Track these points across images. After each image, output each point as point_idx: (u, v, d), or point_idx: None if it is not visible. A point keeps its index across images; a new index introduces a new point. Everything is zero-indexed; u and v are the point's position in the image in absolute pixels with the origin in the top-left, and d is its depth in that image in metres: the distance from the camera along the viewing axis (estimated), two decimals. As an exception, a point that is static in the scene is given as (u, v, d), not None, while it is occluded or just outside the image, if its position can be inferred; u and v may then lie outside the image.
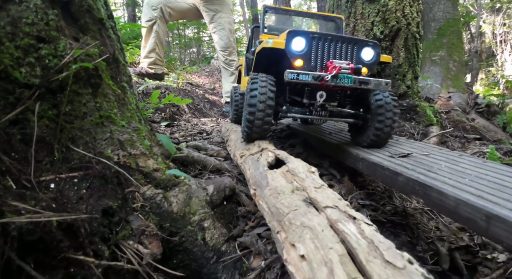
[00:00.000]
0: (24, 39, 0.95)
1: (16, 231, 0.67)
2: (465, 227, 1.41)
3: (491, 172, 1.18)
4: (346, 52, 1.53)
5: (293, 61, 1.47)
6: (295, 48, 1.46)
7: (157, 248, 0.89)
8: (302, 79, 1.37)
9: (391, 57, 1.76)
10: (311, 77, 1.38)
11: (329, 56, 1.51)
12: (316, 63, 1.51)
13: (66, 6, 1.06)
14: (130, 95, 1.27)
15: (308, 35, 1.47)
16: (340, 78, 1.41)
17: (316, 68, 1.51)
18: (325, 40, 1.50)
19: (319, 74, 1.40)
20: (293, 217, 0.68)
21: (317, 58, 1.51)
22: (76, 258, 0.78)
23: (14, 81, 0.92)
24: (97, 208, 0.85)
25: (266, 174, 1.00)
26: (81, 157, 0.94)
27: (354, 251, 0.53)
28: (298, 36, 1.46)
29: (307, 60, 1.49)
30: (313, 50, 1.50)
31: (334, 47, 1.51)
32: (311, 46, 1.48)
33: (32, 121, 0.92)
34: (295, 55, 1.47)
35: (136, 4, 12.74)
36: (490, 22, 12.11)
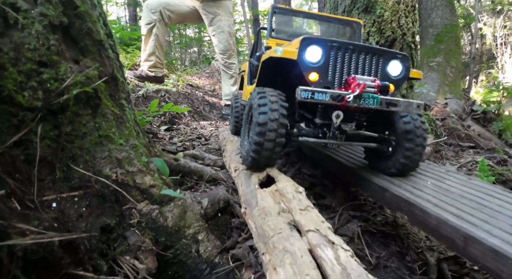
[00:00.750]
0: (26, 64, 1.00)
1: (21, 252, 0.73)
2: (445, 245, 1.47)
3: (474, 191, 1.23)
4: (370, 65, 1.31)
5: (307, 74, 1.26)
6: (310, 59, 1.25)
7: (152, 263, 0.95)
8: (318, 99, 1.17)
9: (421, 73, 1.50)
10: (329, 96, 1.18)
11: (350, 70, 1.29)
12: (334, 77, 1.29)
13: (66, 30, 1.11)
14: (129, 112, 1.32)
15: (325, 44, 1.25)
16: (364, 99, 1.20)
17: (334, 84, 1.29)
18: (346, 50, 1.28)
19: (338, 93, 1.19)
20: (277, 240, 0.73)
21: (335, 72, 1.29)
22: (77, 273, 0.83)
23: (18, 105, 0.97)
24: (96, 225, 0.91)
25: (256, 192, 1.05)
26: (81, 175, 0.99)
27: (328, 277, 0.59)
28: (313, 44, 1.23)
29: (323, 73, 1.27)
30: (331, 62, 1.27)
31: (356, 59, 1.29)
32: (328, 57, 1.26)
33: (34, 143, 0.97)
34: (309, 68, 1.25)
35: (137, 4, 12.78)
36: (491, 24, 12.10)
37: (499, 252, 0.80)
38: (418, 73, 1.45)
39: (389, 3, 2.44)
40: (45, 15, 1.04)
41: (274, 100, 1.29)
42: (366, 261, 1.50)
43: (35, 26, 1.02)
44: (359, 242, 1.54)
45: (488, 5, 13.40)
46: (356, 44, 1.29)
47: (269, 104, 1.27)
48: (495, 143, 3.17)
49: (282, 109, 1.28)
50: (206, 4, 4.51)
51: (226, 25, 4.65)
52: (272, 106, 1.26)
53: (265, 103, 1.28)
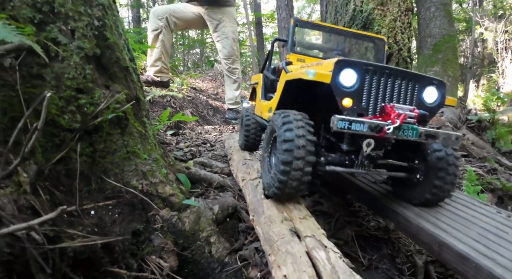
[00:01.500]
0: (66, 91, 1.17)
1: (72, 253, 0.90)
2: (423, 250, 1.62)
3: (454, 202, 1.39)
4: (405, 91, 1.24)
5: (340, 99, 1.18)
6: (344, 83, 1.18)
7: (174, 261, 1.12)
8: (356, 130, 1.09)
9: (456, 100, 1.42)
10: (367, 127, 1.10)
11: (385, 96, 1.23)
12: (369, 104, 1.22)
13: (98, 59, 1.28)
14: (149, 128, 1.49)
15: (360, 67, 1.19)
16: (403, 130, 1.14)
17: (368, 111, 1.22)
18: (382, 74, 1.22)
19: (377, 123, 1.11)
20: (280, 244, 0.90)
21: (370, 98, 1.22)
22: (113, 270, 1.00)
23: (59, 126, 1.15)
24: (128, 230, 1.08)
25: (262, 202, 1.22)
26: (113, 187, 1.17)
27: (321, 273, 0.75)
28: (348, 67, 1.17)
29: (357, 99, 1.20)
30: (366, 87, 1.21)
31: (392, 84, 1.23)
32: (363, 81, 1.20)
33: (74, 159, 1.14)
34: (343, 92, 1.18)
35: (141, 6, 12.96)
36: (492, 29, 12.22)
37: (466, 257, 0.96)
38: (452, 100, 1.36)
39: (386, 21, 2.61)
40: (81, 48, 1.21)
41: (300, 125, 1.20)
42: (359, 262, 1.66)
43: (73, 58, 1.19)
44: (353, 245, 1.70)
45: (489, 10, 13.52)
46: (393, 68, 1.23)
47: (294, 129, 1.18)
48: (487, 151, 3.32)
49: (309, 135, 1.19)
50: (211, 10, 4.66)
51: (230, 31, 4.81)
52: (298, 132, 1.17)
53: (290, 128, 1.19)
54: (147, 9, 13.77)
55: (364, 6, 2.67)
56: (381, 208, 1.45)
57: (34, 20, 1.14)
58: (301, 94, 1.56)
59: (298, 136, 1.16)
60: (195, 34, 14.35)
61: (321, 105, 1.38)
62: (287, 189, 1.19)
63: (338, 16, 2.85)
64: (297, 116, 1.25)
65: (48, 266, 0.86)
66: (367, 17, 2.65)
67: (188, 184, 1.30)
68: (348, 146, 1.28)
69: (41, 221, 0.70)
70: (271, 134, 1.40)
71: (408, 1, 2.71)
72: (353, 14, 2.70)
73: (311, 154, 1.17)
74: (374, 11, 2.66)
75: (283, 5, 9.00)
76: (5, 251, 0.83)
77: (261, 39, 12.33)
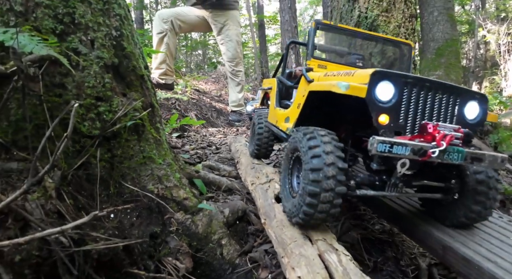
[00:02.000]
0: (86, 99, 1.22)
1: (96, 255, 0.95)
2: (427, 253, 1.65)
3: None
4: (446, 106, 1.13)
5: (376, 116, 1.07)
6: (381, 97, 1.07)
7: (189, 263, 1.16)
8: (397, 153, 0.99)
9: (497, 116, 1.32)
10: (410, 150, 1.00)
11: (424, 112, 1.12)
12: (407, 121, 1.11)
13: (116, 68, 1.33)
14: (162, 133, 1.54)
15: (399, 80, 1.08)
16: (449, 153, 1.03)
17: (406, 129, 1.11)
18: (422, 87, 1.10)
19: (421, 146, 1.01)
20: (293, 247, 0.95)
21: (407, 114, 1.11)
22: (133, 271, 1.05)
23: (80, 133, 1.20)
24: (146, 233, 1.13)
25: (273, 206, 1.27)
26: (131, 191, 1.21)
27: (333, 275, 0.80)
28: (385, 80, 1.07)
29: (394, 115, 1.09)
30: (404, 102, 1.10)
31: (432, 98, 1.12)
32: (401, 95, 1.09)
33: (94, 164, 1.19)
34: (379, 108, 1.07)
35: (144, 7, 13.05)
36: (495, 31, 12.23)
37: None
38: (494, 116, 1.26)
39: (391, 27, 2.65)
40: (101, 57, 1.26)
41: (326, 140, 1.09)
42: (364, 265, 1.71)
43: (93, 67, 1.25)
44: (358, 248, 1.75)
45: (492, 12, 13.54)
46: (433, 80, 1.12)
47: (322, 146, 1.07)
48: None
49: (338, 151, 1.08)
50: (215, 14, 4.72)
51: (234, 34, 4.88)
52: (325, 148, 1.06)
53: (317, 144, 1.08)
54: (150, 10, 13.87)
55: (369, 12, 2.72)
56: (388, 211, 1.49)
57: (55, 31, 1.19)
58: (325, 105, 1.42)
59: (327, 165, 1.03)
60: (198, 35, 14.42)
61: (348, 119, 1.27)
62: (313, 221, 1.09)
63: (343, 22, 2.90)
64: (325, 138, 1.10)
65: (74, 267, 0.91)
66: (372, 23, 2.69)
67: (204, 188, 1.35)
68: (378, 165, 1.15)
69: (74, 225, 0.75)
70: (293, 152, 1.27)
71: (412, 8, 2.76)
72: (358, 20, 2.75)
73: (341, 184, 1.05)
74: (378, 18, 2.70)
75: (286, 7, 9.06)
76: (34, 254, 0.88)
77: (264, 41, 12.39)
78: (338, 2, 2.98)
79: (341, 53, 2.32)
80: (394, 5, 2.67)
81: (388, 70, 1.08)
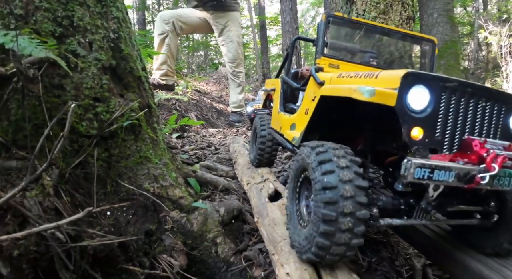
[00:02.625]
0: (84, 100, 1.25)
1: (92, 250, 0.98)
2: None
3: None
4: (490, 116, 0.95)
5: (408, 129, 0.88)
6: (414, 105, 0.88)
7: (183, 260, 1.19)
8: (440, 180, 0.82)
9: None
10: (455, 176, 0.83)
11: (465, 124, 0.93)
12: (444, 135, 0.92)
13: (114, 70, 1.36)
14: (159, 133, 1.57)
15: (436, 84, 0.89)
16: (499, 178, 0.85)
17: (443, 145, 0.92)
18: (463, 93, 0.92)
19: (468, 169, 0.84)
20: (283, 244, 0.97)
21: (445, 127, 0.92)
22: (128, 268, 1.08)
23: (78, 133, 1.23)
24: (141, 230, 1.16)
25: (266, 205, 1.30)
26: (127, 189, 1.24)
27: (320, 272, 0.83)
28: (419, 84, 0.87)
29: (430, 129, 0.90)
30: (441, 112, 0.91)
31: (475, 107, 0.94)
32: (438, 103, 0.90)
33: (91, 163, 1.22)
34: (412, 119, 0.88)
35: (146, 8, 13.14)
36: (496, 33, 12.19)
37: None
38: None
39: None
40: (99, 59, 1.29)
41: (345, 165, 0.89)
42: (359, 264, 1.72)
43: (91, 68, 1.28)
44: (353, 247, 1.76)
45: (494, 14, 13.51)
46: (475, 85, 0.93)
47: (337, 171, 0.87)
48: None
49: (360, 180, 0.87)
50: (216, 15, 4.77)
51: (235, 35, 4.93)
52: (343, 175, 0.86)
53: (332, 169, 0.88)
54: (152, 11, 13.96)
55: (366, 14, 2.75)
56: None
57: (55, 34, 1.22)
58: (339, 112, 1.21)
59: (343, 182, 0.85)
60: (199, 36, 14.50)
61: (368, 129, 1.10)
62: (329, 256, 0.86)
63: (340, 24, 2.92)
64: (339, 152, 0.92)
65: (70, 263, 0.94)
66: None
67: (198, 187, 1.38)
68: (404, 186, 0.92)
69: (69, 221, 0.78)
70: (300, 172, 1.07)
71: (410, 10, 2.78)
72: (355, 22, 2.77)
73: (363, 207, 0.85)
74: (376, 20, 2.72)
75: (287, 9, 9.09)
76: (32, 249, 0.91)
77: (265, 42, 12.44)
78: (336, 4, 3.01)
79: (353, 51, 2.04)
80: (392, 7, 2.69)
81: (423, 72, 0.90)
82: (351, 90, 0.91)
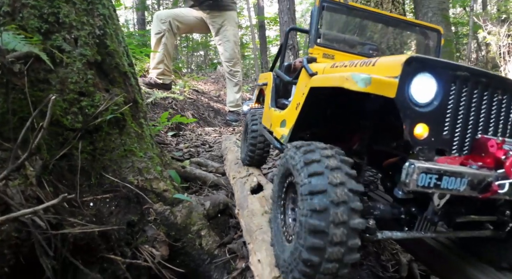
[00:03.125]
0: (69, 94, 1.29)
1: (72, 238, 1.01)
2: None
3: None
4: (507, 111, 0.82)
5: (411, 126, 0.75)
6: (419, 97, 0.75)
7: (165, 251, 1.22)
8: (448, 188, 0.70)
9: None
10: (467, 183, 0.71)
11: (478, 120, 0.81)
12: (453, 134, 0.79)
13: (99, 65, 1.40)
14: (146, 128, 1.60)
15: (444, 72, 0.76)
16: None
17: (452, 146, 0.80)
18: (476, 84, 0.80)
19: (483, 175, 0.72)
20: (258, 233, 1.00)
21: (455, 123, 0.79)
22: (109, 257, 1.11)
23: (63, 126, 1.26)
24: (123, 221, 1.19)
25: (247, 197, 1.33)
26: (111, 182, 1.28)
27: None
28: (425, 71, 0.75)
29: (436, 125, 0.78)
30: (451, 105, 0.78)
31: (489, 101, 0.81)
32: (447, 95, 0.77)
33: (76, 156, 1.25)
34: (415, 114, 0.75)
35: (146, 8, 13.20)
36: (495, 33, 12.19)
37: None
38: None
39: (379, 27, 2.70)
40: (84, 55, 1.33)
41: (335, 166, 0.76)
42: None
43: (76, 64, 1.31)
44: (338, 241, 1.79)
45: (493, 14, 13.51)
46: (490, 74, 0.81)
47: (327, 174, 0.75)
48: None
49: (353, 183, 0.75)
50: (213, 15, 4.80)
51: (231, 35, 4.96)
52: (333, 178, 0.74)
53: (320, 171, 0.76)
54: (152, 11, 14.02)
55: (357, 12, 2.77)
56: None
57: (41, 30, 1.26)
58: (331, 106, 1.10)
59: (334, 185, 0.72)
60: (199, 36, 14.55)
61: (365, 125, 0.99)
62: (319, 275, 0.73)
63: (332, 22, 2.95)
64: (328, 151, 0.80)
65: (51, 250, 0.97)
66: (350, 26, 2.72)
67: (178, 179, 1.41)
68: (405, 193, 0.81)
69: (44, 206, 0.81)
70: (285, 177, 0.95)
71: (400, 8, 2.81)
72: (346, 20, 2.80)
73: (358, 215, 0.72)
74: (356, 21, 2.75)
75: (285, 9, 9.11)
76: (13, 235, 0.94)
77: (264, 42, 12.48)
78: (328, 3, 3.03)
79: (351, 43, 1.87)
80: (382, 5, 2.72)
81: (429, 57, 0.76)
82: (343, 79, 0.78)
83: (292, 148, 0.88)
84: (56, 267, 1.00)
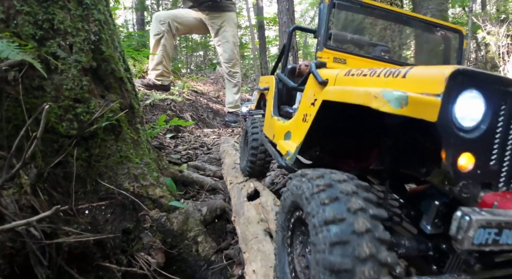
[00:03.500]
0: (64, 101, 1.28)
1: (67, 247, 1.00)
2: None
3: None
4: None
5: (454, 156, 0.63)
6: (464, 120, 0.63)
7: (161, 258, 1.21)
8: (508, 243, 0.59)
9: None
10: None
11: None
12: (502, 164, 0.68)
13: (95, 71, 1.39)
14: (142, 133, 1.60)
15: (493, 89, 0.64)
16: None
17: (499, 179, 0.68)
18: None
19: None
20: (253, 243, 1.00)
21: (504, 151, 0.68)
22: (104, 265, 1.10)
23: (58, 133, 1.26)
24: (119, 228, 1.18)
25: (243, 204, 1.32)
26: (107, 188, 1.27)
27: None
28: (471, 88, 0.62)
29: (483, 154, 0.66)
30: (500, 129, 0.66)
31: None
32: (497, 116, 0.66)
33: (71, 163, 1.25)
34: (460, 141, 0.63)
35: (145, 9, 13.19)
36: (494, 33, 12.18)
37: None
38: None
39: (377, 29, 2.69)
40: (79, 61, 1.32)
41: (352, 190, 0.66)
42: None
43: (71, 70, 1.30)
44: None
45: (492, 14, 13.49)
46: None
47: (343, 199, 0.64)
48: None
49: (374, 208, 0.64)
50: (212, 16, 4.80)
51: (230, 36, 4.95)
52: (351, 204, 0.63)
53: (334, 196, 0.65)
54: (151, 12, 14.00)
55: (355, 15, 2.77)
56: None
57: (35, 36, 1.25)
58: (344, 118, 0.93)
59: (352, 211, 0.61)
60: (198, 36, 14.53)
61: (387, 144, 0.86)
62: None
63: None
64: (339, 176, 0.70)
65: (45, 259, 0.97)
66: (358, 26, 2.72)
67: (173, 186, 1.40)
68: (434, 228, 0.72)
69: (39, 218, 0.80)
70: (291, 213, 0.82)
71: (398, 10, 2.79)
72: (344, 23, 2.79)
73: (388, 247, 0.60)
74: (364, 21, 2.74)
75: (284, 9, 9.10)
76: (8, 245, 0.94)
77: (264, 42, 12.47)
78: (326, 5, 3.02)
79: (360, 44, 1.72)
80: (380, 8, 2.71)
81: (476, 70, 0.64)
82: (370, 97, 0.64)
83: (296, 176, 0.78)
84: (51, 277, 1.00)
